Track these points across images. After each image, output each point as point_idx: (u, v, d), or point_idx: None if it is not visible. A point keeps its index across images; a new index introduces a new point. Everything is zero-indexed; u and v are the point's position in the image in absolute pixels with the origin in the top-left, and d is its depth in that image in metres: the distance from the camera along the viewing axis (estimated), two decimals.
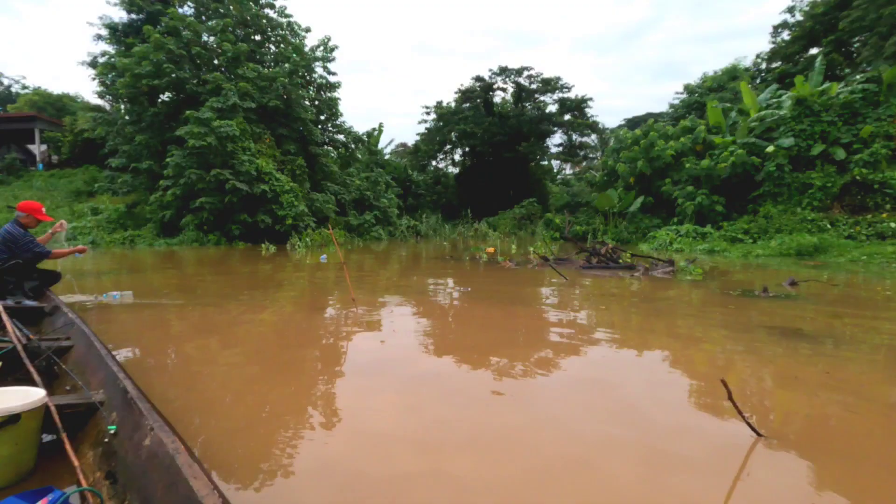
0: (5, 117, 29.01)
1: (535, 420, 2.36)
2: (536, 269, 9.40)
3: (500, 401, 2.61)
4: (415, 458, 1.94)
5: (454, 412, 2.45)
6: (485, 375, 3.03)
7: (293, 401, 2.65)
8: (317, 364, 3.38)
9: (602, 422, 2.32)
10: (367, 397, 2.68)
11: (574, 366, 3.29)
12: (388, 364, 3.36)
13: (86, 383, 2.29)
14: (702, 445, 2.10)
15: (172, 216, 16.79)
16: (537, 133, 30.24)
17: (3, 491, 1.57)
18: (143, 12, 19.78)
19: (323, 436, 2.18)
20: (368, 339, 4.01)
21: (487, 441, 2.11)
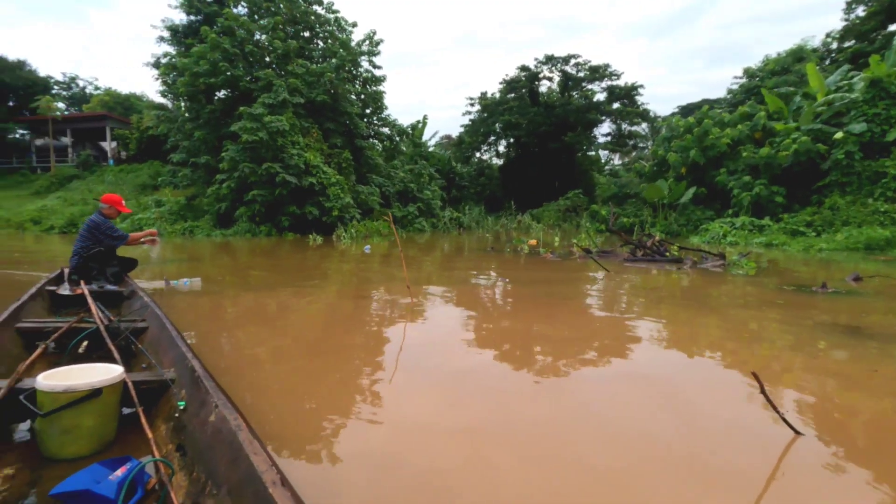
0: (80, 117, 31.35)
1: (577, 417, 2.35)
2: (579, 261, 9.25)
3: (541, 396, 2.61)
4: (455, 451, 1.97)
5: (495, 406, 2.46)
6: (526, 369, 3.03)
7: (338, 386, 2.76)
8: (362, 352, 3.49)
9: (645, 419, 2.28)
10: (409, 387, 2.74)
11: (617, 360, 3.24)
12: (431, 355, 3.42)
13: (158, 362, 2.46)
14: (741, 442, 2.05)
15: (227, 208, 17.64)
16: (584, 123, 29.44)
17: (88, 458, 1.71)
18: (201, 13, 20.78)
19: (366, 422, 2.26)
20: (411, 329, 4.09)
21: (529, 437, 2.12)
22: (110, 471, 1.47)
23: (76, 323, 2.87)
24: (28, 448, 1.80)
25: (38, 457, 1.73)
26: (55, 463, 1.70)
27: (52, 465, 1.70)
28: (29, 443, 1.84)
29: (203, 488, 1.48)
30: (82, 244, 4.39)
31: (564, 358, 3.26)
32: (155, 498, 1.50)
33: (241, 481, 1.33)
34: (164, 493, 1.47)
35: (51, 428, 1.71)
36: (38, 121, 30.34)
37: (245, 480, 1.31)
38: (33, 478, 1.63)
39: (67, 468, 1.60)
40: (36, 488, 1.56)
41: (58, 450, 1.72)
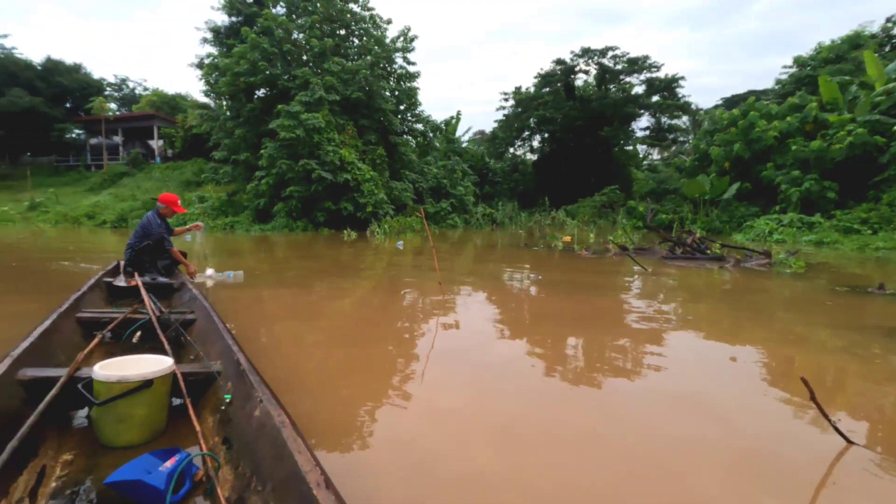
0: (130, 117, 32.89)
1: (612, 417, 2.31)
2: (615, 258, 9.05)
3: (575, 395, 2.58)
4: (486, 448, 1.97)
5: (527, 404, 2.44)
6: (562, 368, 2.99)
7: (372, 379, 2.79)
8: (395, 346, 3.52)
9: (686, 422, 2.22)
10: (441, 382, 2.75)
11: (656, 361, 3.15)
12: (464, 350, 3.43)
13: (206, 354, 2.51)
14: (789, 448, 1.97)
15: (266, 204, 18.15)
16: (621, 116, 28.68)
17: (140, 447, 1.76)
18: (242, 15, 21.40)
19: (399, 415, 2.29)
20: (444, 324, 4.11)
21: (564, 435, 2.10)
22: (161, 461, 1.51)
23: (130, 314, 3.00)
24: (85, 434, 1.87)
25: (95, 443, 1.81)
26: (110, 450, 1.77)
27: (107, 452, 1.76)
28: (86, 429, 1.91)
29: (248, 483, 1.49)
30: (135, 239, 4.65)
31: (601, 356, 3.20)
32: (202, 490, 1.54)
33: (285, 480, 1.34)
34: (210, 485, 1.50)
35: (106, 416, 1.78)
36: (93, 121, 32.02)
37: (290, 479, 1.32)
38: (89, 464, 1.69)
39: (121, 456, 1.66)
40: (92, 475, 1.62)
41: (112, 437, 1.79)
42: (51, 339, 2.47)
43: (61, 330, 2.67)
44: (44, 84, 33.54)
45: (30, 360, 2.08)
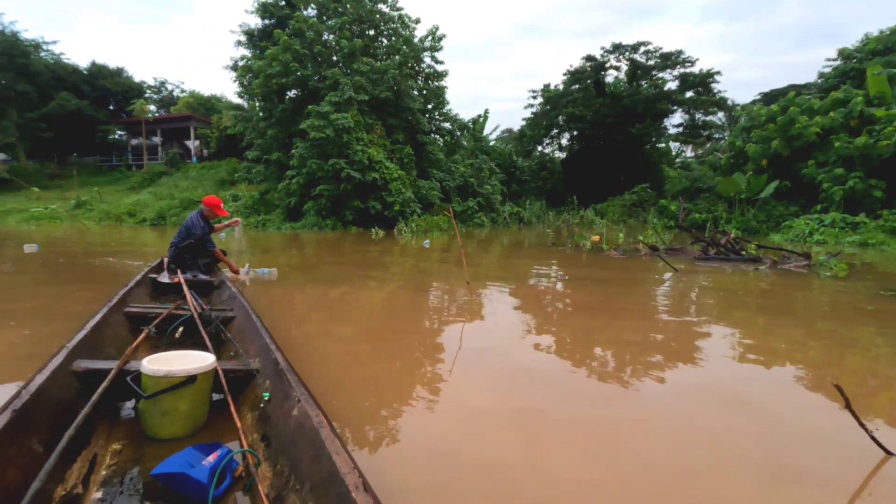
0: (169, 118, 34.10)
1: (642, 418, 2.28)
2: (644, 259, 8.88)
3: (604, 395, 2.56)
4: (512, 447, 1.96)
5: (554, 405, 2.43)
6: (588, 369, 2.97)
7: (398, 377, 2.83)
8: (421, 345, 3.55)
9: (716, 427, 2.17)
10: (467, 381, 2.76)
11: (686, 364, 3.09)
12: (491, 348, 3.43)
13: (245, 351, 2.59)
14: (823, 456, 1.91)
15: (296, 202, 18.54)
16: (653, 113, 28.03)
17: (183, 440, 1.83)
18: (274, 17, 21.89)
19: (424, 413, 2.31)
20: (470, 323, 4.12)
21: (591, 434, 2.09)
22: (203, 455, 1.56)
23: (174, 310, 3.12)
24: (132, 425, 1.96)
25: (141, 435, 1.89)
26: (155, 442, 1.84)
27: (152, 443, 1.83)
28: (133, 420, 2.00)
29: (287, 481, 1.52)
30: (179, 237, 4.88)
31: (628, 359, 3.16)
32: (241, 485, 1.58)
33: (323, 480, 1.36)
34: (250, 481, 1.55)
35: (152, 409, 1.85)
36: (134, 122, 33.39)
37: (328, 480, 1.34)
38: (137, 455, 1.76)
39: (165, 448, 1.73)
40: (139, 465, 1.68)
41: (157, 430, 1.86)
42: (101, 332, 2.58)
43: (110, 323, 2.80)
44: (89, 87, 35.17)
45: (83, 352, 2.18)
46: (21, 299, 4.93)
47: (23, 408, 1.58)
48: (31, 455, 1.51)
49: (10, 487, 1.36)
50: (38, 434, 1.60)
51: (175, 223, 20.67)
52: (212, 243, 5.07)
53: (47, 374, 1.83)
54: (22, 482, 1.38)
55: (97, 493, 1.52)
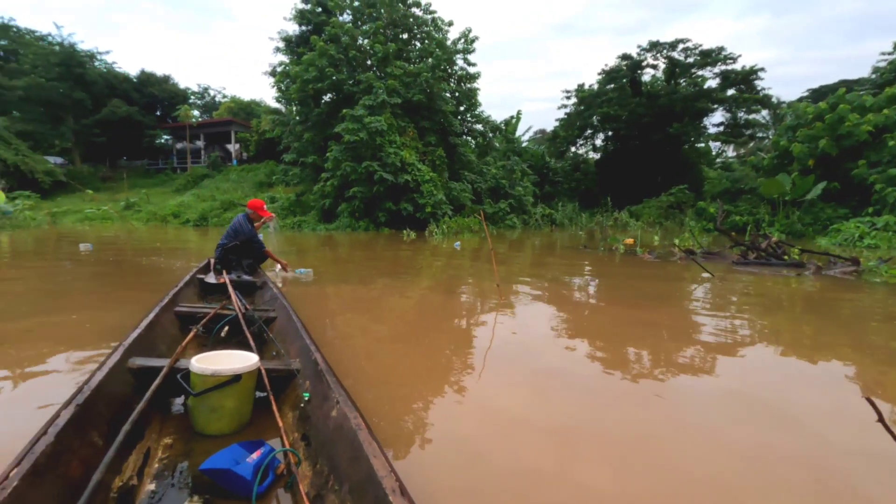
0: (211, 122, 35.46)
1: (675, 426, 2.23)
2: (680, 262, 8.67)
3: (636, 402, 2.52)
4: (541, 453, 1.95)
5: (586, 411, 2.41)
6: (620, 374, 2.92)
7: (428, 377, 2.86)
8: (452, 346, 3.57)
9: (755, 441, 2.10)
10: (498, 384, 2.77)
11: (722, 372, 3.00)
12: (520, 353, 3.43)
13: (286, 351, 2.66)
14: (865, 472, 1.84)
15: (330, 204, 18.95)
16: (692, 112, 27.18)
17: (228, 437, 1.90)
18: (311, 24, 22.48)
19: (455, 415, 2.32)
20: (501, 326, 4.12)
21: (622, 441, 2.06)
22: (248, 453, 1.61)
23: (220, 310, 3.26)
24: (181, 421, 2.05)
25: (190, 430, 1.97)
26: (203, 437, 1.91)
27: (199, 438, 1.91)
28: (182, 416, 2.10)
29: (326, 481, 1.57)
30: (226, 239, 5.11)
31: (661, 365, 3.09)
32: (283, 483, 1.63)
33: (361, 482, 1.39)
34: (291, 480, 1.60)
35: (200, 406, 1.93)
36: (179, 127, 34.91)
37: (366, 482, 1.37)
38: (186, 449, 1.84)
39: (212, 443, 1.82)
40: (188, 460, 1.76)
41: (204, 426, 1.94)
42: (154, 330, 2.72)
43: (162, 322, 2.94)
44: (138, 94, 37.03)
45: (137, 349, 2.30)
46: (79, 295, 5.29)
47: (85, 402, 1.67)
48: (92, 447, 1.59)
49: (75, 478, 1.43)
50: (98, 427, 1.69)
51: (216, 224, 21.51)
52: (261, 243, 5.29)
53: (106, 371, 1.94)
54: (84, 473, 1.46)
55: (150, 486, 1.59)
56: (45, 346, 3.23)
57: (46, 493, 1.32)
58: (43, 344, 3.28)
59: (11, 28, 37.16)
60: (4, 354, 3.03)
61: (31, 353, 3.08)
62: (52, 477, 1.37)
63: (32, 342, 3.33)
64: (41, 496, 1.29)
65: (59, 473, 1.40)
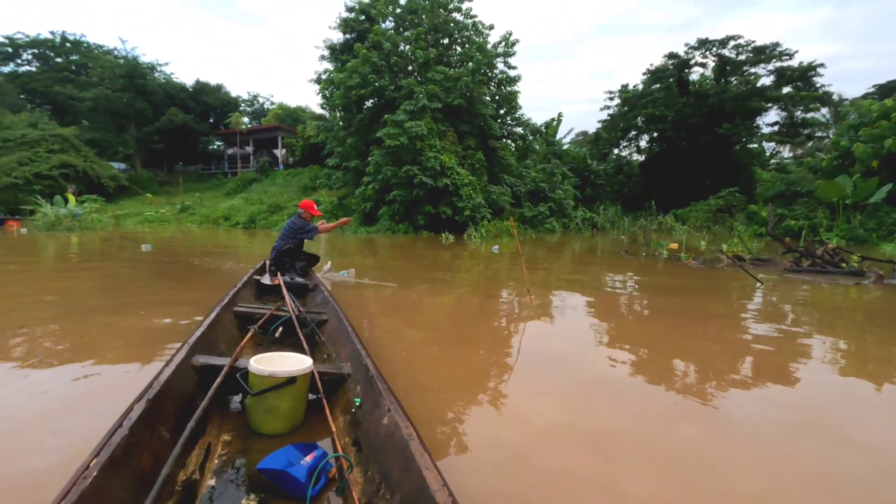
0: (259, 129, 36.96)
1: (723, 445, 2.11)
2: (727, 269, 8.34)
3: (681, 414, 2.42)
4: (584, 462, 1.91)
5: (628, 420, 2.33)
6: (664, 385, 2.82)
7: (466, 382, 2.85)
8: (490, 350, 3.57)
9: (811, 460, 2.00)
10: (536, 389, 2.73)
11: (774, 386, 2.85)
12: (560, 358, 3.39)
13: (337, 355, 2.70)
14: None
15: (371, 207, 19.34)
16: (744, 111, 25.97)
17: (282, 438, 1.93)
18: (355, 32, 23.10)
19: (493, 421, 2.29)
20: (539, 332, 4.10)
21: (666, 453, 1.99)
22: (302, 455, 1.64)
23: (275, 311, 3.38)
24: (239, 419, 2.11)
25: (247, 428, 2.02)
26: (259, 436, 1.96)
27: (256, 437, 1.95)
28: (240, 414, 2.15)
29: (377, 489, 1.56)
30: (280, 241, 5.29)
31: (708, 377, 2.97)
32: (334, 487, 1.64)
33: (413, 494, 1.37)
34: (343, 484, 1.62)
35: (257, 405, 1.97)
36: (230, 133, 36.62)
37: (418, 494, 1.34)
38: (244, 447, 1.87)
39: (267, 442, 1.88)
40: (245, 458, 1.79)
41: (260, 425, 1.99)
42: (215, 330, 2.84)
43: (223, 322, 3.07)
44: (193, 103, 39.14)
45: (200, 347, 2.41)
46: (143, 292, 5.68)
47: (155, 397, 1.75)
48: (160, 440, 1.66)
49: (145, 470, 1.49)
50: (166, 422, 1.75)
51: (263, 226, 22.39)
52: (314, 228, 5.42)
53: (173, 368, 2.01)
54: (153, 465, 1.52)
55: (211, 481, 1.64)
56: (119, 338, 3.51)
57: (121, 483, 1.37)
58: (118, 336, 3.56)
59: (82, 44, 40.22)
60: (86, 346, 3.29)
61: (108, 344, 3.35)
62: (126, 468, 1.43)
63: (112, 334, 3.61)
64: (116, 486, 1.35)
65: (132, 465, 1.46)
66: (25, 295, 5.46)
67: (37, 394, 2.49)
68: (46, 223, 18.60)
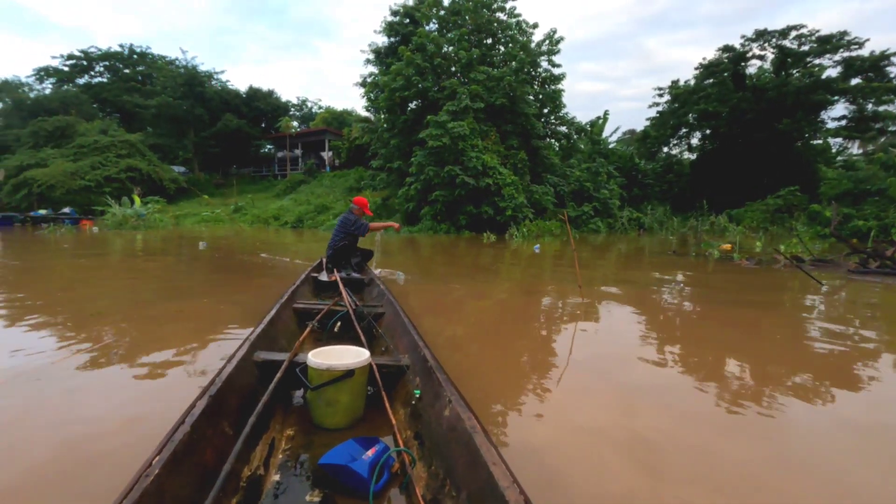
0: (308, 132, 38.21)
1: (783, 461, 1.97)
2: (783, 270, 7.90)
3: (738, 429, 2.25)
4: (630, 473, 1.81)
5: (678, 431, 2.20)
6: (716, 396, 2.64)
7: (508, 380, 2.80)
8: (532, 350, 3.50)
9: (886, 480, 1.85)
10: (580, 393, 2.65)
11: (845, 401, 2.63)
12: (605, 360, 3.31)
13: (395, 347, 2.68)
14: None
15: (414, 207, 19.57)
16: (807, 105, 24.39)
17: (343, 431, 1.94)
18: (399, 35, 23.48)
19: (532, 420, 2.24)
20: (585, 331, 4.02)
21: (720, 474, 1.85)
22: (363, 449, 1.62)
23: (332, 306, 3.46)
24: (301, 413, 2.13)
25: (309, 422, 2.03)
26: (321, 430, 1.97)
27: (319, 431, 1.96)
28: (302, 408, 2.16)
29: (442, 485, 1.51)
30: (335, 238, 5.43)
31: (765, 386, 2.79)
32: (398, 482, 1.60)
33: (481, 490, 1.31)
34: (406, 480, 1.57)
35: (317, 399, 1.98)
36: (280, 137, 38.07)
37: (486, 491, 1.28)
38: (306, 441, 1.88)
39: (329, 436, 1.89)
40: (308, 453, 1.80)
41: (321, 419, 1.99)
42: (275, 326, 2.90)
43: (282, 318, 3.15)
44: (247, 108, 40.97)
45: (261, 343, 2.46)
46: (203, 284, 6.01)
47: (217, 393, 1.75)
48: (223, 436, 1.65)
49: (208, 466, 1.48)
50: (228, 417, 1.75)
51: (310, 226, 23.13)
52: (366, 225, 5.53)
53: (235, 364, 2.03)
54: (216, 461, 1.51)
55: (275, 476, 1.63)
56: (187, 325, 3.76)
57: (183, 480, 1.36)
58: (186, 324, 3.83)
59: (147, 55, 43.01)
60: (156, 331, 3.47)
61: (177, 329, 3.50)
62: (189, 465, 1.41)
63: (182, 321, 3.89)
64: (179, 483, 1.34)
65: (195, 461, 1.45)
66: (100, 285, 5.96)
67: (110, 381, 2.68)
68: (115, 222, 20.06)
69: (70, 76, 42.04)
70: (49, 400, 2.39)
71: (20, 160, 29.62)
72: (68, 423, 2.13)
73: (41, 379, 2.67)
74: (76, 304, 4.80)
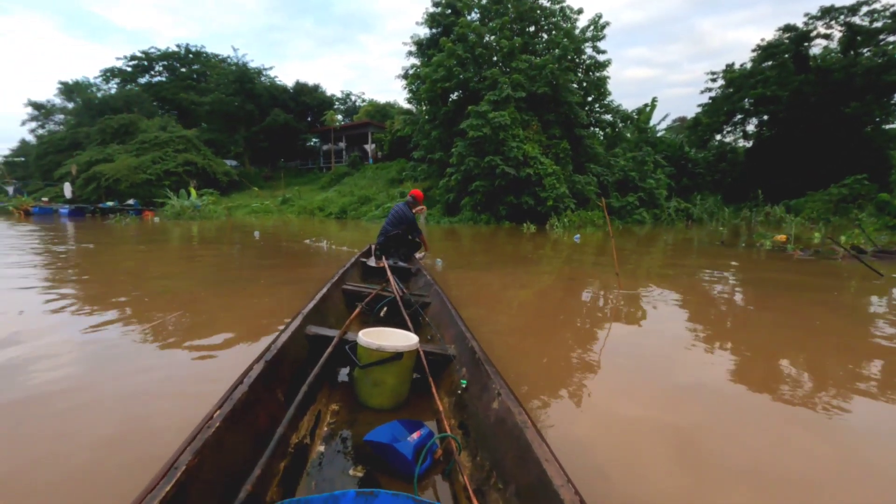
0: (351, 125, 38.96)
1: (841, 468, 1.86)
2: (841, 261, 7.47)
3: (796, 432, 2.12)
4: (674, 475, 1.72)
5: (730, 433, 2.09)
6: (771, 396, 2.49)
7: (547, 372, 2.79)
8: (573, 342, 3.44)
9: None
10: (622, 388, 2.57)
11: None
12: (648, 355, 3.23)
13: (441, 336, 2.69)
14: None
15: (454, 198, 19.65)
16: (879, 87, 22.55)
17: (387, 412, 1.96)
18: (441, 26, 23.49)
19: (572, 414, 2.21)
20: (626, 325, 3.95)
21: (780, 482, 1.73)
22: (408, 432, 1.63)
23: (380, 291, 3.57)
24: (346, 390, 2.19)
25: (354, 400, 2.07)
26: (365, 409, 2.00)
27: (363, 410, 1.99)
28: (347, 385, 2.23)
29: (488, 477, 1.48)
30: (389, 226, 5.63)
31: (824, 389, 2.63)
32: (440, 469, 1.59)
33: (531, 486, 1.27)
34: (450, 466, 1.57)
35: (364, 378, 2.01)
36: (325, 131, 39.01)
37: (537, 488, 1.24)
38: (350, 418, 1.92)
39: (373, 416, 1.92)
40: (352, 429, 1.84)
41: (367, 398, 2.03)
42: (325, 304, 3.02)
43: (332, 297, 3.28)
44: (294, 103, 42.18)
45: (312, 319, 2.57)
46: (256, 270, 6.39)
47: (272, 360, 1.83)
48: (276, 402, 1.72)
49: (260, 428, 1.54)
50: (281, 385, 1.82)
51: (353, 217, 23.70)
52: (419, 230, 5.78)
53: (288, 335, 2.12)
54: (268, 425, 1.58)
55: (320, 447, 1.68)
56: (250, 302, 4.03)
57: (239, 437, 1.42)
58: (250, 301, 4.11)
59: (202, 54, 45.05)
60: (220, 308, 3.72)
61: (232, 311, 3.73)
62: (244, 424, 1.47)
63: (244, 298, 4.16)
64: (235, 439, 1.39)
65: (249, 421, 1.51)
66: (166, 268, 6.46)
67: (181, 354, 2.91)
68: (173, 213, 21.36)
69: (133, 76, 44.73)
70: (120, 365, 2.63)
71: (90, 156, 31.86)
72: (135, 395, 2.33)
73: (118, 346, 3.02)
74: (148, 282, 5.36)
